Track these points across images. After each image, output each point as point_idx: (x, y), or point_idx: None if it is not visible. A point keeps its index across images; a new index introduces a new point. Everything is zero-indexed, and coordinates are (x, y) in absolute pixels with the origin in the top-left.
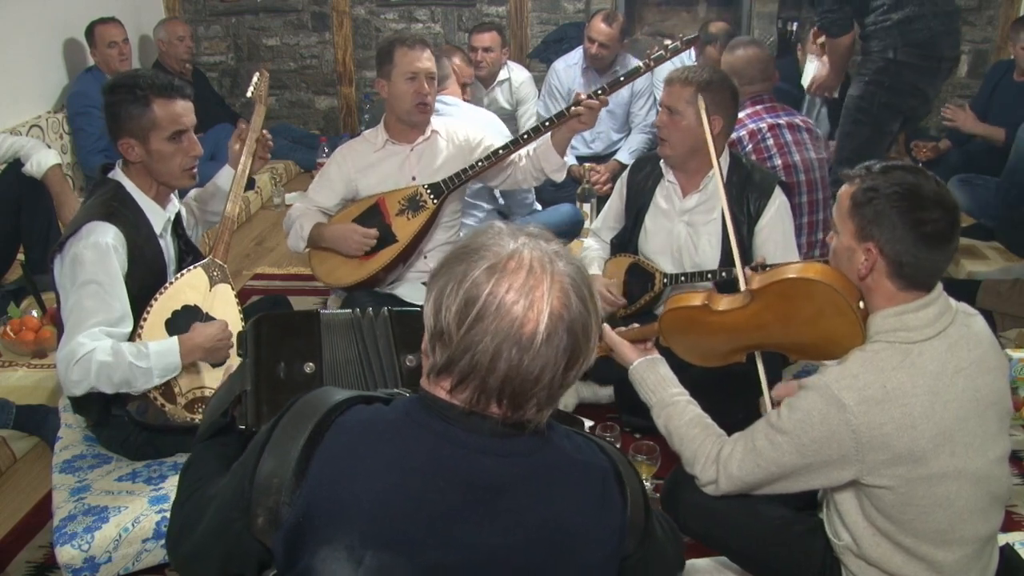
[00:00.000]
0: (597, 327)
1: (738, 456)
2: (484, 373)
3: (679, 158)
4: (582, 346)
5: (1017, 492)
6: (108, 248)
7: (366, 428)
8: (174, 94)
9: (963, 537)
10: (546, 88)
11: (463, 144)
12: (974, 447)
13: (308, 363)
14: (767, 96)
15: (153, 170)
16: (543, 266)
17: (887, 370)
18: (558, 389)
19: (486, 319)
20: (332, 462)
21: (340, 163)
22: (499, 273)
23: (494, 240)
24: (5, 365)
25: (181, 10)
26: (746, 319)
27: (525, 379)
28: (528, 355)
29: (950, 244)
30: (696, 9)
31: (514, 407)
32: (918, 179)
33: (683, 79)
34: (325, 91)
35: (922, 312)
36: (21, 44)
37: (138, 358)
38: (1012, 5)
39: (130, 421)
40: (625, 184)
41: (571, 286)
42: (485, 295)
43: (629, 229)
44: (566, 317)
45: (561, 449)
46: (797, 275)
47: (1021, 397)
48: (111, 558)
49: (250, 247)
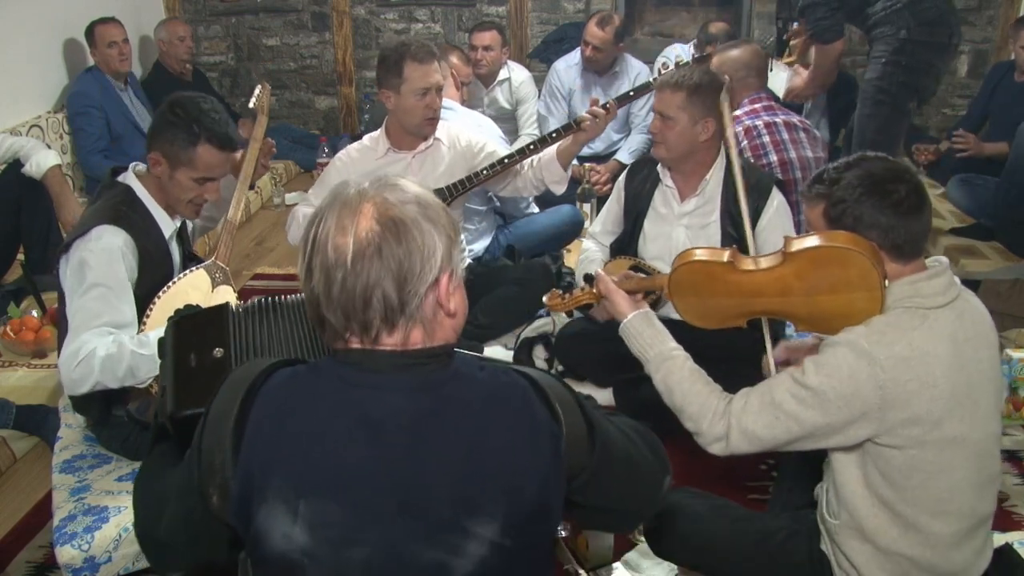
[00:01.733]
0: (441, 237)
1: (754, 408)
2: (326, 303)
3: (674, 160)
4: (409, 257)
5: (1017, 492)
6: (117, 252)
7: (284, 387)
8: (226, 147)
9: (960, 510)
10: (547, 88)
11: (465, 150)
12: (979, 416)
13: (217, 348)
14: (765, 95)
15: (166, 190)
16: (361, 196)
17: (910, 330)
18: (399, 303)
19: (315, 256)
20: (259, 425)
21: (341, 169)
22: (326, 212)
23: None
24: (5, 365)
25: (181, 10)
26: (770, 282)
27: (354, 298)
28: (349, 276)
29: (926, 201)
30: (696, 9)
31: (363, 330)
32: (865, 168)
33: (673, 84)
34: (325, 91)
35: (934, 281)
36: (21, 44)
37: (140, 346)
38: (1012, 5)
39: (130, 420)
40: (623, 189)
41: (383, 203)
42: (312, 238)
43: (628, 233)
44: (378, 231)
45: (471, 377)
46: (839, 243)
47: (1021, 397)
48: (111, 558)
49: (250, 247)
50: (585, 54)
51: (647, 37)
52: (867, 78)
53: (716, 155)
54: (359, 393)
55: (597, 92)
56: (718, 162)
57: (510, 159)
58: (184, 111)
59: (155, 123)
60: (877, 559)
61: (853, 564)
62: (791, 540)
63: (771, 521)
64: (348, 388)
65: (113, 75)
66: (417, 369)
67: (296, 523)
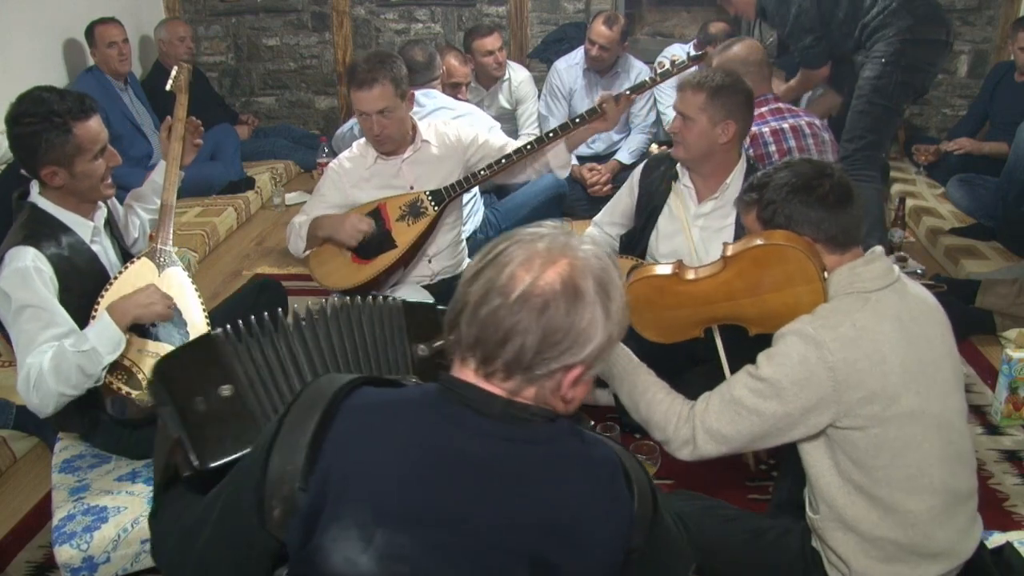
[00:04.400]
0: (602, 333)
1: (715, 408)
2: (468, 316)
3: (693, 161)
4: (565, 331)
5: (1017, 492)
6: (28, 270)
7: (376, 409)
8: (89, 112)
9: (931, 484)
10: (547, 87)
11: (455, 144)
12: (935, 390)
13: (222, 386)
14: (771, 97)
15: (76, 191)
16: (566, 247)
17: (853, 312)
18: (529, 362)
19: (488, 269)
20: (344, 443)
21: (335, 180)
22: (520, 242)
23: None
24: (5, 365)
25: (181, 10)
26: (716, 288)
27: (496, 331)
28: (504, 308)
29: (852, 193)
30: (696, 9)
31: (485, 361)
32: (791, 169)
33: (695, 84)
34: (325, 91)
35: (871, 266)
36: (21, 44)
37: (78, 344)
38: (1012, 5)
39: (115, 423)
40: (637, 184)
41: (569, 276)
42: (498, 252)
43: (640, 230)
44: (556, 290)
45: (570, 441)
46: (773, 241)
47: (1021, 397)
48: (110, 558)
49: (250, 247)
50: (591, 54)
51: (647, 37)
52: (865, 76)
53: (738, 159)
54: (461, 433)
55: (598, 92)
56: (739, 166)
57: (508, 159)
58: (31, 117)
59: (18, 147)
60: (863, 547)
61: (840, 556)
62: (783, 538)
63: (762, 520)
64: (448, 424)
65: (113, 75)
66: (523, 423)
67: (367, 551)
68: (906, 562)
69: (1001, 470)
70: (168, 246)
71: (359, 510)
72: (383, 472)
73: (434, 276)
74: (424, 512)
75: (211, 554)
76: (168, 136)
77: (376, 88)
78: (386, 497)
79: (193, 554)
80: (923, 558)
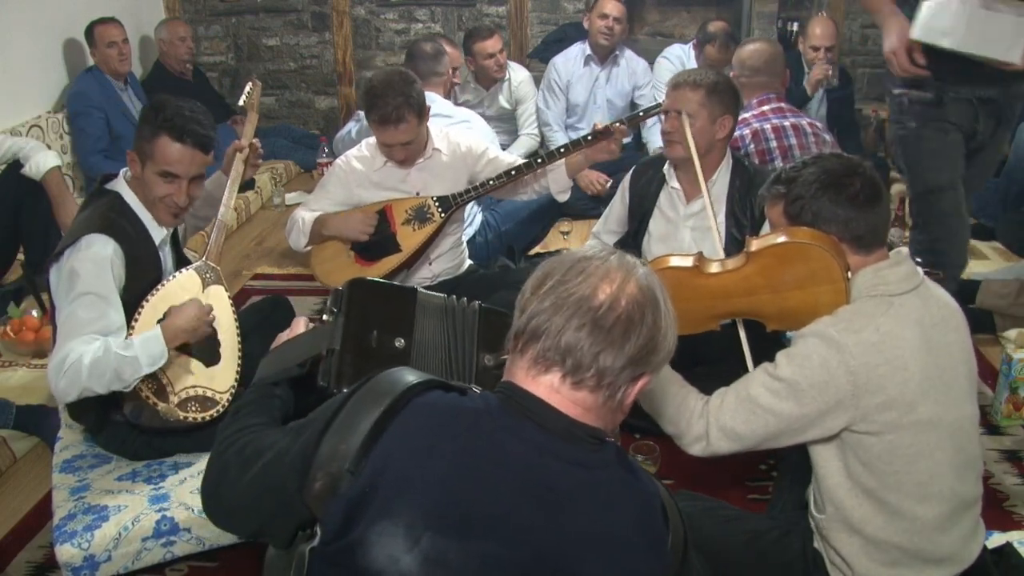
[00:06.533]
0: (673, 339)
1: (731, 405)
2: (556, 328)
3: (691, 159)
4: (652, 339)
5: (1017, 492)
6: (107, 261)
7: (444, 413)
8: (184, 138)
9: (941, 492)
10: (545, 83)
11: (465, 154)
12: (952, 398)
13: (399, 338)
14: (775, 96)
15: (142, 192)
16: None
17: (876, 316)
18: (619, 371)
19: (559, 287)
20: (406, 440)
21: (342, 178)
22: (579, 262)
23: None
24: (5, 365)
25: (181, 10)
26: (736, 283)
27: (592, 343)
28: (595, 321)
29: (881, 193)
30: (696, 9)
31: (575, 370)
32: (820, 165)
33: (692, 83)
34: (325, 91)
35: (896, 268)
36: (21, 44)
37: (124, 348)
38: None
39: (126, 424)
40: (627, 190)
41: (648, 285)
42: (564, 270)
43: (633, 235)
44: (642, 302)
45: (619, 469)
46: (799, 239)
47: (1021, 397)
48: (111, 557)
49: (250, 247)
50: (602, 31)
51: (647, 37)
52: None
53: (722, 157)
54: (521, 448)
55: (596, 82)
56: (724, 163)
57: (517, 172)
58: (154, 107)
59: (142, 118)
60: (866, 550)
61: (843, 558)
62: (784, 539)
63: (763, 521)
64: (506, 434)
65: (113, 75)
66: (579, 443)
67: (411, 552)
68: (910, 567)
69: (1001, 470)
70: (216, 264)
71: (411, 510)
72: (437, 476)
73: (435, 278)
74: (473, 521)
75: (252, 495)
76: (235, 153)
77: (402, 126)
78: (438, 501)
79: (237, 487)
80: (927, 563)
